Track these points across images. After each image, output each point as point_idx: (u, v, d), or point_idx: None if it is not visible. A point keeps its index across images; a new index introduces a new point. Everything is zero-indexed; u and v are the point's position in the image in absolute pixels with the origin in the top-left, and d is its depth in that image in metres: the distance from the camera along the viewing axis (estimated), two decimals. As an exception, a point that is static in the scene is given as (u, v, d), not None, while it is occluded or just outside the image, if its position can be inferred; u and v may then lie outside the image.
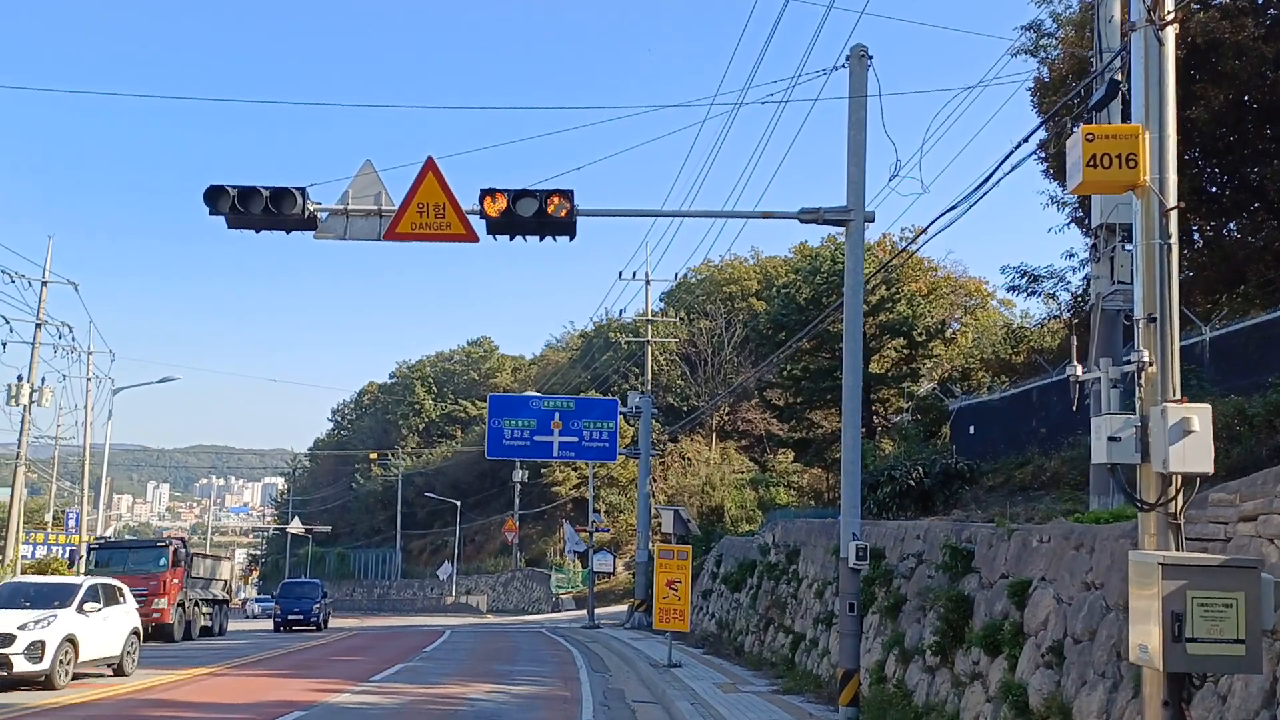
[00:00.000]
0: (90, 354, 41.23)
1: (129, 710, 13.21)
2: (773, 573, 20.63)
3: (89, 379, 41.55)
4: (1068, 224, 25.02)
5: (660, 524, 34.36)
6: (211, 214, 11.60)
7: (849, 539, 11.89)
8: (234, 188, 11.52)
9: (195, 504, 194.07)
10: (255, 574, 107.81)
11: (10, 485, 37.66)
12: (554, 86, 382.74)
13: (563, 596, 56.90)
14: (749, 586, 22.62)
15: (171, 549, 29.16)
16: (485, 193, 11.70)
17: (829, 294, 35.54)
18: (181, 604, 29.25)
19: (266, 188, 11.57)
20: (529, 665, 21.08)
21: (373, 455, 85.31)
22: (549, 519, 66.86)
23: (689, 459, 53.25)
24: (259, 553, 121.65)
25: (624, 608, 41.42)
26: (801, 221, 11.88)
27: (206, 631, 32.49)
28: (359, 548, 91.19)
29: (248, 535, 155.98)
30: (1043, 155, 23.98)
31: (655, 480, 47.06)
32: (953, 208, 14.46)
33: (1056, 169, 24.08)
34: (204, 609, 32.10)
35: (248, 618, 57.85)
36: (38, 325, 35.27)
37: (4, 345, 34.45)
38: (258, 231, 12.01)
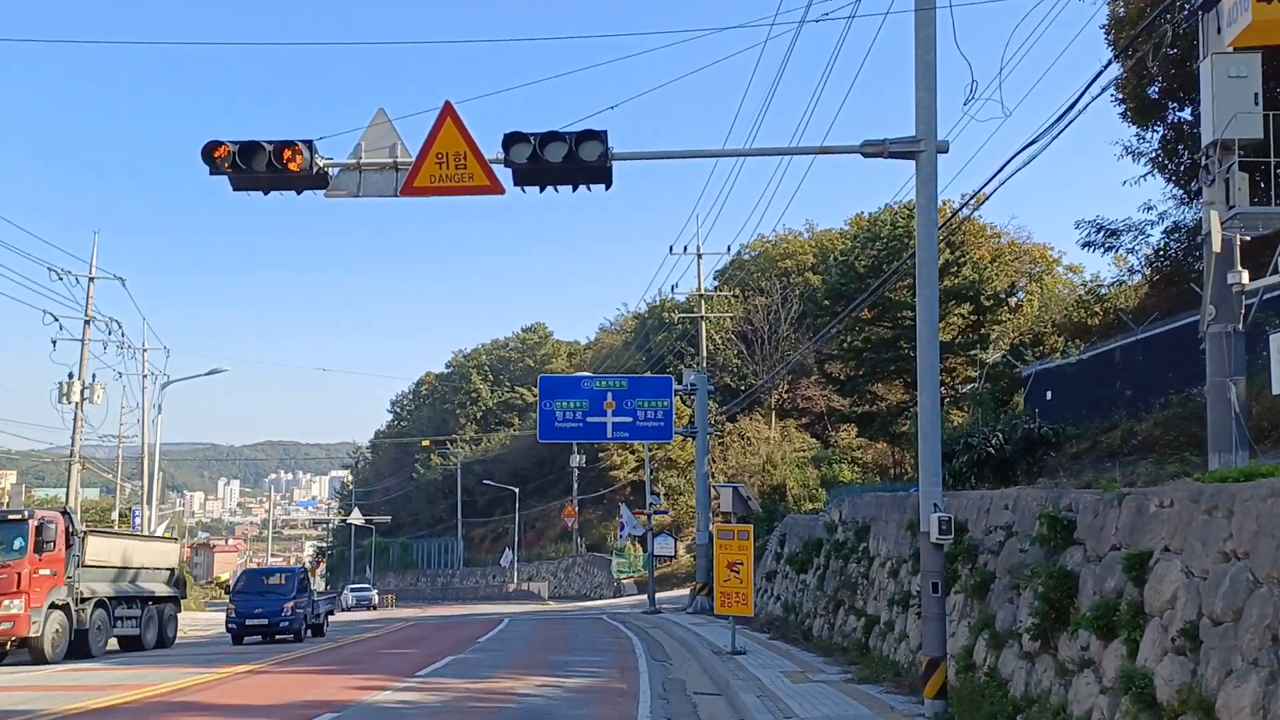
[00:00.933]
0: (145, 350, 41.18)
1: (154, 714, 12.38)
2: (841, 551, 19.32)
3: (144, 375, 41.53)
4: (1147, 174, 23.23)
5: (719, 504, 33.13)
6: (212, 173, 10.59)
7: (929, 511, 10.57)
8: (234, 143, 10.52)
9: (265, 499, 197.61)
10: (322, 565, 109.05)
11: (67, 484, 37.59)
12: (578, 21, 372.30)
13: (624, 581, 56.05)
14: (815, 567, 21.33)
15: (34, 525, 20.38)
16: (509, 138, 10.56)
17: (890, 260, 33.94)
18: (63, 606, 20.94)
19: (270, 142, 10.53)
20: (586, 655, 20.07)
21: (425, 442, 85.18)
22: (608, 503, 66.06)
23: (748, 438, 51.98)
24: (326, 544, 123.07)
25: (686, 592, 40.32)
26: (865, 155, 10.53)
27: (132, 643, 24.14)
28: (422, 537, 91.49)
29: (315, 528, 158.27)
30: (1119, 96, 22.23)
31: (714, 461, 45.89)
32: (1033, 142, 13.08)
33: (1135, 109, 22.31)
34: (120, 612, 23.43)
35: (344, 609, 51.56)
36: (86, 321, 35.13)
37: (54, 343, 34.44)
38: (265, 193, 10.98)
